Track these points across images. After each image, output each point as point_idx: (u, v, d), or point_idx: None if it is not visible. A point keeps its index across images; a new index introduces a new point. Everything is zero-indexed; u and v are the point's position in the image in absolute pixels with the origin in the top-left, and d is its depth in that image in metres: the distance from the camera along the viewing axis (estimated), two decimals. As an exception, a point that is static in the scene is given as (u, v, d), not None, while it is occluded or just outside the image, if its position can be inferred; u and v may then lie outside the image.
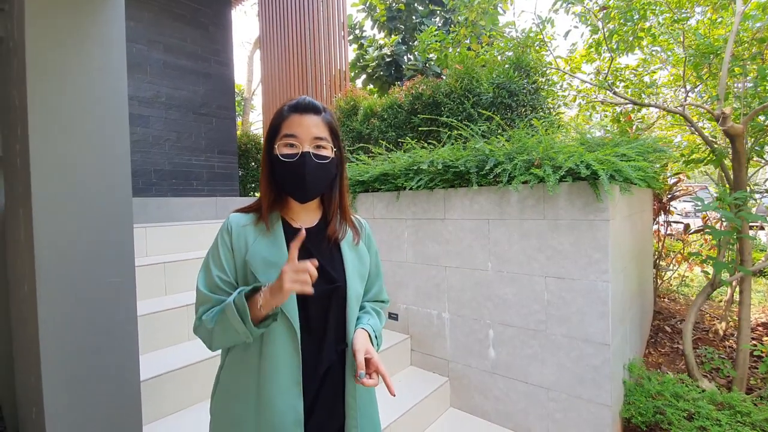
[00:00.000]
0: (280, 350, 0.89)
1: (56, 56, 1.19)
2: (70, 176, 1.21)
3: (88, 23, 1.25)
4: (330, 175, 1.00)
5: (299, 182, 0.93)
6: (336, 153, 1.00)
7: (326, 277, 0.96)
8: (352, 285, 1.00)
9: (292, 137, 0.93)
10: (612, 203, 1.84)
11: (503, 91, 2.83)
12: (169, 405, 1.76)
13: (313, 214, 1.04)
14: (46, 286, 1.17)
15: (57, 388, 1.19)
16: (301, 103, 0.96)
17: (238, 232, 0.95)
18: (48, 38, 1.17)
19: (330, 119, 0.99)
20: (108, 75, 1.29)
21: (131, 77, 4.31)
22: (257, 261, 0.91)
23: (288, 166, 0.92)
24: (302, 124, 0.93)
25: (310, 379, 0.92)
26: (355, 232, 1.08)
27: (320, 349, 0.95)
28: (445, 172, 2.28)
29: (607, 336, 1.82)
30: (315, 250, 0.98)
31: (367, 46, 8.10)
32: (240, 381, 0.92)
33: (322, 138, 0.95)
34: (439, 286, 2.43)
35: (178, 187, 4.68)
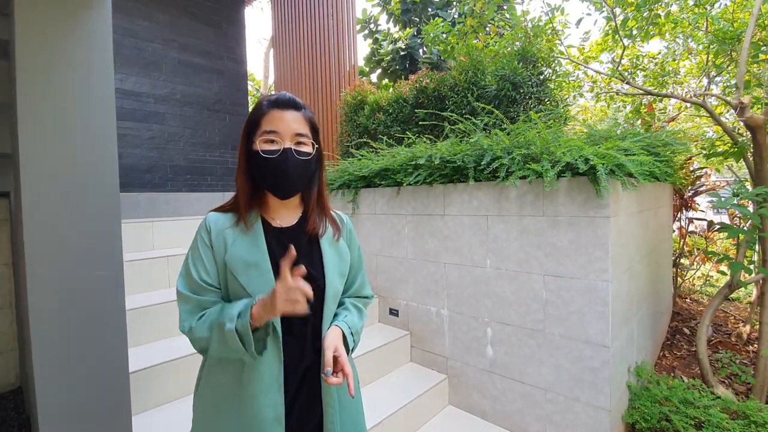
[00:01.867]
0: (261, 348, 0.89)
1: (44, 55, 1.22)
2: (58, 172, 1.24)
3: (75, 23, 1.27)
4: (310, 172, 0.99)
5: (281, 178, 0.92)
6: (316, 149, 0.99)
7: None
8: (331, 283, 0.98)
9: (273, 133, 0.91)
10: (614, 199, 1.76)
11: (507, 83, 2.74)
12: (170, 394, 1.81)
13: (293, 211, 1.03)
14: (36, 278, 1.21)
15: (47, 377, 1.23)
16: (282, 98, 0.94)
17: (217, 232, 0.94)
18: (36, 38, 1.21)
19: (310, 116, 0.98)
20: (95, 73, 1.31)
21: (148, 76, 4.43)
22: (237, 262, 0.91)
23: (269, 162, 0.91)
24: (283, 120, 0.92)
25: (290, 377, 0.92)
26: (335, 228, 1.06)
27: (302, 348, 0.95)
28: (444, 167, 2.23)
29: (607, 338, 1.75)
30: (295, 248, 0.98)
31: (381, 40, 8.04)
32: (222, 379, 0.92)
33: (303, 134, 0.94)
34: (438, 282, 2.40)
35: (192, 183, 4.79)
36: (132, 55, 4.28)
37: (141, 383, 1.72)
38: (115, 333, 1.36)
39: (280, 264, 0.81)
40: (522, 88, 2.74)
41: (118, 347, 1.37)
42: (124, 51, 4.22)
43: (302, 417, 0.94)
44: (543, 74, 2.80)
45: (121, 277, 1.38)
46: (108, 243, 1.34)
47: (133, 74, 4.30)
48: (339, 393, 0.99)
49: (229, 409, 0.90)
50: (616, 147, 1.79)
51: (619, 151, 1.78)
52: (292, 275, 0.79)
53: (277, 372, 0.90)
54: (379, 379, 2.36)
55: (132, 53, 4.28)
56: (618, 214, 1.83)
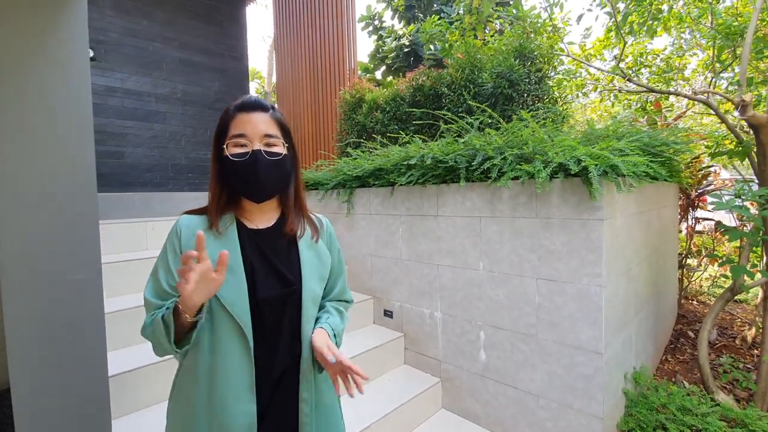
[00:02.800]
0: (231, 355, 0.87)
1: (15, 54, 1.20)
2: (33, 174, 1.23)
3: (50, 21, 1.26)
4: (285, 173, 0.97)
5: (252, 182, 0.91)
6: (289, 150, 0.97)
7: (282, 279, 0.94)
8: (309, 286, 0.96)
9: (241, 137, 0.90)
10: (609, 201, 1.70)
11: (503, 80, 2.68)
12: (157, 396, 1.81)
13: (271, 214, 1.01)
14: (11, 281, 1.20)
15: (23, 380, 1.22)
16: (247, 101, 0.93)
17: (189, 236, 0.91)
18: (8, 36, 1.19)
19: (279, 116, 0.97)
20: (70, 72, 1.29)
21: (149, 75, 4.44)
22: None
23: (239, 166, 0.89)
24: (250, 122, 0.90)
25: (263, 383, 0.90)
26: (313, 230, 1.04)
27: (274, 353, 0.93)
28: (436, 167, 2.19)
29: (600, 344, 1.70)
30: (270, 252, 0.95)
31: (385, 36, 7.98)
32: (193, 385, 0.90)
33: (272, 135, 0.92)
34: (432, 284, 2.36)
35: (194, 181, 4.81)
36: (133, 54, 4.30)
37: (121, 387, 1.72)
38: (93, 337, 1.35)
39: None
40: (519, 86, 2.68)
41: (96, 351, 1.36)
42: (124, 50, 4.23)
43: (277, 422, 0.93)
44: (541, 71, 2.73)
45: (99, 280, 1.36)
46: (86, 246, 1.33)
47: (134, 73, 4.32)
48: (316, 397, 0.97)
49: (201, 417, 0.88)
50: (611, 147, 1.73)
51: (614, 152, 1.73)
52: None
53: (249, 379, 0.88)
54: (372, 380, 2.34)
55: (133, 52, 4.29)
56: (613, 216, 1.77)
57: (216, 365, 0.87)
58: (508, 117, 2.72)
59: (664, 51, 3.79)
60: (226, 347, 0.87)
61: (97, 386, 1.37)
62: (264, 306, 0.90)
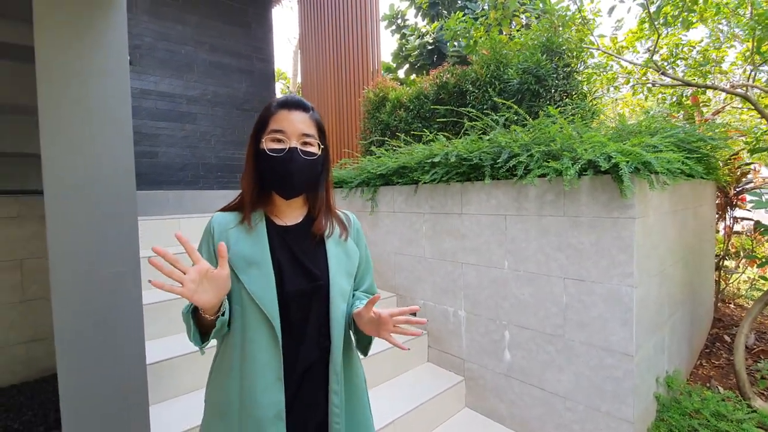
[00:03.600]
0: (260, 347, 0.90)
1: (62, 61, 1.28)
2: (77, 173, 1.30)
3: (92, 29, 1.33)
4: (316, 172, 0.99)
5: (286, 178, 0.93)
6: (322, 150, 0.99)
7: (308, 275, 0.96)
8: (336, 282, 0.98)
9: (279, 132, 0.92)
10: (641, 199, 1.65)
11: (530, 76, 2.62)
12: (186, 385, 1.88)
13: (298, 211, 1.04)
14: (58, 273, 1.28)
15: (68, 367, 1.31)
16: (290, 100, 0.96)
17: (221, 233, 0.95)
18: (55, 44, 1.27)
19: (317, 118, 0.99)
20: (111, 77, 1.37)
21: (181, 77, 4.60)
22: (239, 260, 0.92)
23: (275, 160, 0.92)
24: (290, 120, 0.93)
25: (291, 375, 0.93)
26: (342, 228, 1.06)
27: (301, 345, 0.95)
28: (460, 165, 2.18)
29: (630, 346, 1.65)
30: (297, 248, 0.98)
31: (408, 35, 7.95)
32: (226, 373, 0.94)
33: (309, 135, 0.95)
34: (455, 282, 2.35)
35: (223, 180, 4.95)
36: (166, 58, 4.46)
37: (159, 375, 1.80)
38: (132, 327, 1.42)
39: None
40: (546, 82, 2.62)
41: (135, 340, 1.43)
42: (158, 54, 4.40)
43: (305, 414, 0.95)
44: (570, 66, 2.66)
45: (138, 273, 1.43)
46: (125, 241, 1.40)
47: (167, 76, 4.48)
48: (347, 395, 0.99)
49: (234, 404, 0.91)
50: (644, 143, 1.68)
51: (647, 148, 1.67)
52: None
53: (277, 368, 0.90)
54: (395, 377, 2.36)
55: (166, 56, 4.46)
56: (646, 215, 1.72)
57: (246, 356, 0.90)
58: (534, 114, 2.67)
59: (701, 43, 3.61)
60: (255, 339, 0.90)
61: (136, 373, 1.44)
62: (291, 300, 0.92)
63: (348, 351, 1.03)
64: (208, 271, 0.79)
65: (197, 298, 0.78)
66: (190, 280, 0.77)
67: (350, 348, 1.05)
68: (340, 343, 0.96)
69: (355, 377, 1.04)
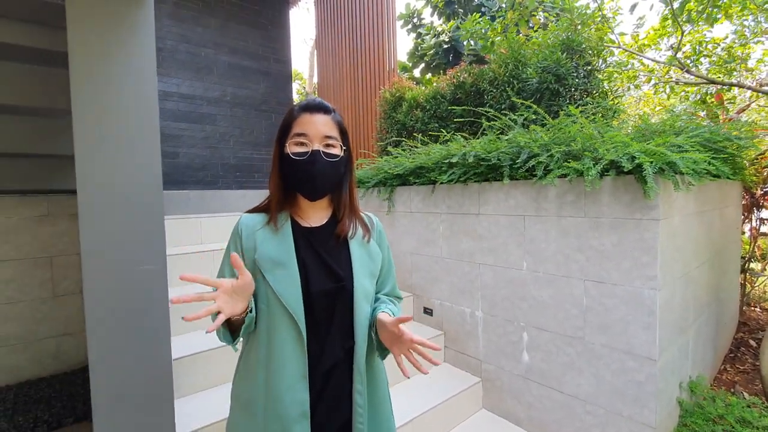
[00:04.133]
0: (286, 346, 0.91)
1: (94, 65, 1.33)
2: (107, 174, 1.35)
3: (122, 34, 1.38)
4: (339, 173, 1.01)
5: (309, 180, 0.95)
6: (345, 152, 1.01)
7: (332, 275, 0.97)
8: (360, 283, 0.99)
9: (302, 136, 0.95)
10: (665, 200, 1.62)
11: (549, 75, 2.59)
12: (208, 381, 1.93)
13: (323, 212, 1.05)
14: (90, 270, 1.33)
15: (100, 360, 1.36)
16: (311, 103, 0.98)
17: (248, 234, 0.98)
18: (87, 49, 1.32)
19: (339, 119, 1.01)
20: (140, 80, 1.41)
21: (201, 79, 4.70)
22: (265, 261, 0.94)
23: (298, 164, 0.94)
24: (312, 123, 0.95)
25: (315, 374, 0.94)
26: (365, 230, 1.07)
27: (325, 345, 0.96)
28: (478, 165, 2.17)
29: (653, 350, 1.62)
30: (322, 249, 1.00)
31: (424, 34, 7.93)
32: (252, 371, 0.96)
33: (331, 137, 0.96)
34: (472, 283, 2.35)
35: (241, 180, 5.04)
36: (187, 61, 4.56)
37: (182, 370, 1.85)
38: (159, 323, 1.47)
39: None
40: (566, 80, 2.58)
41: (162, 335, 1.48)
42: (179, 57, 4.50)
43: (328, 414, 0.96)
44: (591, 64, 2.62)
45: (164, 271, 1.48)
46: (153, 239, 1.45)
47: (188, 78, 4.59)
48: (370, 396, 1.00)
49: (260, 401, 0.93)
50: (668, 143, 1.64)
51: (671, 148, 1.64)
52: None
53: (302, 367, 0.92)
54: (412, 377, 2.36)
55: (187, 58, 4.56)
56: (670, 216, 1.68)
57: (272, 354, 0.92)
58: (554, 113, 2.64)
59: (725, 39, 3.50)
60: (280, 337, 0.91)
61: (162, 368, 1.48)
62: (316, 300, 0.94)
63: (371, 352, 1.04)
64: (233, 285, 0.83)
65: (233, 311, 0.83)
66: (224, 303, 0.81)
67: (373, 349, 1.05)
68: (363, 344, 0.98)
69: (378, 378, 1.05)
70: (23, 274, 2.79)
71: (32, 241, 2.82)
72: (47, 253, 2.87)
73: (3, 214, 2.74)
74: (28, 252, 2.81)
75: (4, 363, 2.73)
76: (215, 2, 4.74)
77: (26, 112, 2.14)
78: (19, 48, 1.72)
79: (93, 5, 1.33)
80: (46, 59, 1.84)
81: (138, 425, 1.43)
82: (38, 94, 1.94)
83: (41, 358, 2.85)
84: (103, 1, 1.35)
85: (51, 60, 1.84)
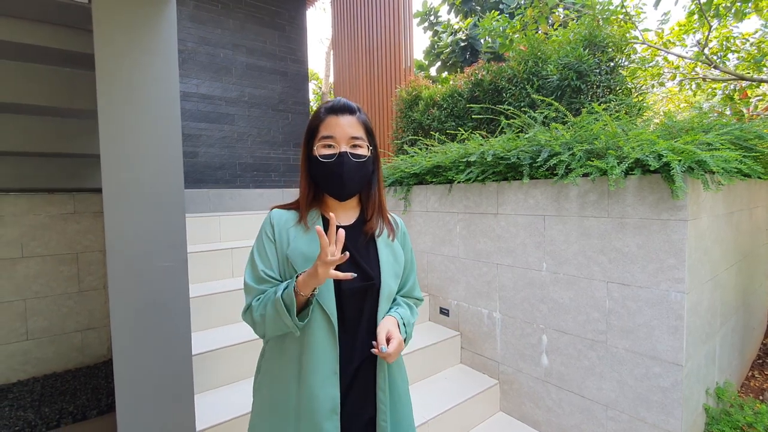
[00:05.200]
0: (319, 341, 0.93)
1: (119, 67, 1.36)
2: (131, 173, 1.38)
3: (145, 37, 1.40)
4: (367, 173, 1.03)
5: (337, 181, 0.97)
6: (371, 151, 1.03)
7: (362, 273, 0.99)
8: (386, 282, 1.01)
9: (329, 138, 0.97)
10: (694, 200, 1.56)
11: (571, 72, 2.53)
12: (229, 376, 1.96)
13: (352, 211, 1.08)
14: (115, 265, 1.36)
15: (123, 355, 1.39)
16: (337, 104, 0.99)
17: (280, 227, 1.00)
18: (112, 51, 1.35)
19: (365, 119, 1.02)
20: (163, 82, 1.44)
21: (219, 80, 4.78)
22: (297, 257, 0.96)
23: (327, 165, 0.96)
24: (339, 125, 0.97)
25: (345, 370, 0.96)
26: (390, 230, 1.09)
27: (354, 342, 0.98)
28: (497, 164, 2.14)
29: (680, 355, 1.56)
30: (352, 246, 1.01)
31: (441, 32, 7.88)
32: (281, 368, 0.98)
33: (358, 137, 0.98)
34: (490, 284, 2.31)
35: (258, 179, 5.10)
36: (206, 62, 4.64)
37: (203, 366, 1.87)
38: (179, 319, 1.49)
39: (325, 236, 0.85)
40: (588, 77, 2.52)
41: (182, 331, 1.50)
42: (199, 58, 4.58)
43: (355, 410, 0.98)
44: (614, 61, 2.55)
45: (185, 268, 1.50)
46: (174, 237, 1.47)
47: (207, 79, 4.67)
48: (391, 393, 1.02)
49: (287, 399, 0.95)
50: (697, 141, 1.58)
51: (700, 146, 1.58)
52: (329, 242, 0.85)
53: (334, 362, 0.94)
54: (427, 378, 2.35)
55: (206, 60, 4.64)
56: (698, 217, 1.62)
57: (305, 349, 0.93)
58: (575, 110, 2.58)
59: (755, 35, 3.37)
60: (314, 333, 0.93)
61: (182, 363, 1.50)
62: (347, 297, 0.96)
63: None
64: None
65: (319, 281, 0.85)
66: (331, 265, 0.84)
67: None
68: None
69: (399, 377, 1.06)
70: (50, 269, 2.88)
71: (59, 238, 2.91)
72: (73, 250, 2.96)
73: (32, 212, 2.83)
74: (55, 248, 2.90)
75: (32, 355, 2.83)
76: (234, 4, 4.81)
77: (52, 113, 2.20)
78: (46, 50, 1.77)
79: (118, 8, 1.36)
80: (71, 61, 1.89)
81: (159, 419, 1.45)
82: (63, 96, 1.99)
83: (67, 351, 2.94)
84: (128, 4, 1.38)
85: (75, 61, 1.89)
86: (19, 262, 2.79)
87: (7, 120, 2.17)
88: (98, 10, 1.35)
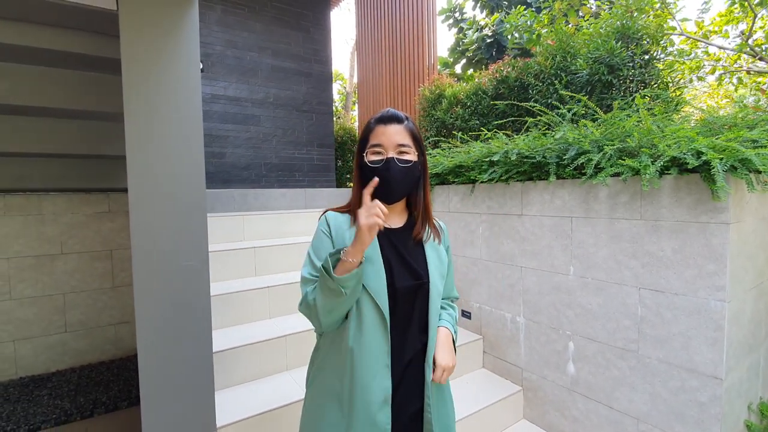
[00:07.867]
0: (373, 336, 1.00)
1: (144, 71, 1.40)
2: (156, 174, 1.42)
3: (169, 42, 1.43)
4: (414, 178, 1.08)
5: (385, 185, 1.02)
6: (419, 157, 1.09)
7: (413, 273, 1.07)
8: (435, 282, 1.09)
9: (378, 146, 1.05)
10: (737, 202, 1.45)
11: (601, 66, 2.41)
12: (249, 374, 1.98)
13: (400, 215, 1.15)
14: (139, 263, 1.40)
15: (147, 349, 1.42)
16: (385, 115, 1.07)
17: (336, 227, 1.08)
18: (138, 56, 1.39)
19: (412, 127, 1.09)
20: (186, 85, 1.46)
21: (246, 82, 4.88)
22: None
23: (375, 170, 1.03)
24: (386, 133, 1.04)
25: (396, 365, 1.03)
26: (436, 234, 1.16)
27: (405, 338, 1.05)
28: (521, 163, 2.06)
29: (720, 369, 1.46)
30: (402, 248, 1.09)
31: (466, 29, 7.74)
32: (336, 361, 1.04)
33: (404, 144, 1.05)
34: (513, 287, 2.24)
35: (282, 179, 5.18)
36: (234, 65, 4.75)
37: (224, 363, 1.91)
38: (201, 316, 1.52)
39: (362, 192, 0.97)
40: (621, 71, 2.39)
41: (203, 328, 1.53)
42: (226, 61, 4.70)
43: (404, 403, 1.05)
44: (648, 53, 2.40)
45: (207, 266, 1.53)
46: (196, 236, 1.50)
47: (234, 81, 4.78)
48: (436, 389, 1.09)
49: (341, 390, 1.02)
50: (741, 138, 1.47)
51: (744, 143, 1.46)
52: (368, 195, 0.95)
53: (385, 356, 1.01)
54: (449, 382, 2.30)
55: (234, 63, 4.75)
56: (742, 220, 1.50)
57: (360, 343, 0.99)
58: (606, 107, 2.46)
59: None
60: (368, 328, 0.99)
61: (203, 360, 1.53)
62: (399, 295, 1.03)
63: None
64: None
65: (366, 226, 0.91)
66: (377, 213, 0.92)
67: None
68: (434, 340, 1.08)
69: None
70: (86, 265, 3.03)
71: (94, 236, 3.05)
72: (107, 247, 3.09)
73: (70, 211, 2.98)
74: (91, 246, 3.04)
75: (70, 347, 2.97)
76: (260, 7, 4.89)
77: (84, 116, 2.30)
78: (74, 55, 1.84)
79: (145, 14, 1.40)
80: (97, 66, 1.97)
81: (180, 414, 1.49)
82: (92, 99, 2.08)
83: (101, 344, 3.08)
84: (154, 10, 1.41)
85: (101, 66, 1.97)
86: (58, 258, 2.94)
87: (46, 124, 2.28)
88: (125, 16, 1.39)
